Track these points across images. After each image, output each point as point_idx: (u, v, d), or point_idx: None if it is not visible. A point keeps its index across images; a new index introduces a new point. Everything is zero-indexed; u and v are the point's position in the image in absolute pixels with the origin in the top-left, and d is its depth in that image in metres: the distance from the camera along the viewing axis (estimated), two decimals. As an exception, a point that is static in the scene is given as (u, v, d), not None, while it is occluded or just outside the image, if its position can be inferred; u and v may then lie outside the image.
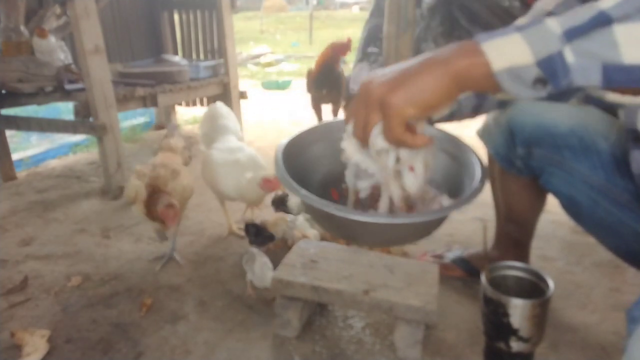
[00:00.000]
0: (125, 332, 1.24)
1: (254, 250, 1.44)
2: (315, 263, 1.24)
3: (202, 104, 3.54)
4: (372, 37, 2.82)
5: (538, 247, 1.54)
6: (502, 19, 2.30)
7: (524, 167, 1.15)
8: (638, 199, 0.97)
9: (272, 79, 5.89)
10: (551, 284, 1.01)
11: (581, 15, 0.53)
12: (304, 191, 0.70)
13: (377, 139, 0.63)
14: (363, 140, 0.65)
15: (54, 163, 2.81)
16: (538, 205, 1.29)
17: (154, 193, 1.42)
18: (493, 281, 1.05)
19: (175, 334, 1.23)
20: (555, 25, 0.54)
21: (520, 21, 0.72)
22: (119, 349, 1.18)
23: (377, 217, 0.69)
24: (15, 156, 2.59)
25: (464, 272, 1.43)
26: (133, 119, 3.56)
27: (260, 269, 1.36)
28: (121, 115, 2.29)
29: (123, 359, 1.15)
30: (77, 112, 2.20)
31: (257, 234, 1.53)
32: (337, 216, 0.67)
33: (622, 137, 1.00)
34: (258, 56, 7.77)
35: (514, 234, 1.35)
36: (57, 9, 2.59)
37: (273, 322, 1.22)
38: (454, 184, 0.81)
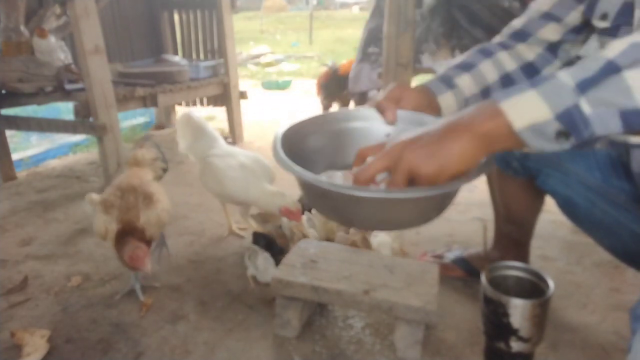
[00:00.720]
0: (125, 332, 1.24)
1: (256, 246, 1.45)
2: (315, 263, 1.24)
3: (202, 104, 3.54)
4: (373, 37, 2.83)
5: (538, 247, 1.55)
6: (502, 19, 2.31)
7: (521, 168, 1.15)
8: (634, 199, 0.97)
9: (272, 79, 5.89)
10: (551, 284, 1.01)
11: (590, 65, 0.55)
12: (297, 167, 0.68)
13: None
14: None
15: (54, 163, 2.81)
16: (536, 206, 1.29)
17: (125, 230, 1.27)
18: (493, 281, 1.05)
19: (175, 334, 1.23)
20: (567, 78, 0.55)
21: (527, 55, 0.75)
22: (119, 349, 1.18)
23: (373, 192, 0.65)
24: (15, 156, 2.58)
25: (464, 272, 1.43)
26: (133, 119, 3.56)
27: (263, 264, 1.37)
28: (121, 115, 2.29)
29: (123, 359, 1.15)
30: (77, 112, 2.20)
31: (267, 247, 1.48)
32: (332, 192, 0.64)
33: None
34: (258, 56, 7.77)
35: (513, 234, 1.35)
36: (57, 9, 2.58)
37: (273, 322, 1.22)
38: None
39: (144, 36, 3.37)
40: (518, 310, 0.97)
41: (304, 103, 4.53)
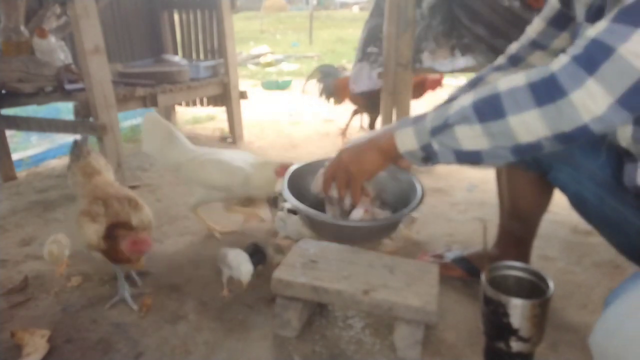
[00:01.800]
0: (125, 332, 1.24)
1: (227, 248, 1.43)
2: (315, 263, 1.24)
3: (202, 104, 3.54)
4: (372, 37, 2.83)
5: (538, 247, 1.54)
6: (503, 17, 2.30)
7: (533, 162, 1.15)
8: None
9: (272, 79, 5.89)
10: (551, 284, 1.01)
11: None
12: (302, 205, 1.07)
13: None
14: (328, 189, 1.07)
15: (54, 163, 2.81)
16: (543, 203, 1.29)
17: (115, 224, 1.21)
18: (493, 281, 1.05)
19: (175, 334, 1.23)
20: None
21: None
22: (119, 349, 1.18)
23: (337, 220, 1.07)
24: (15, 156, 2.59)
25: (464, 271, 1.43)
26: (133, 119, 3.56)
27: (235, 260, 1.33)
28: (121, 115, 2.30)
29: (123, 359, 1.15)
30: (77, 112, 2.20)
31: (253, 253, 1.47)
32: (319, 221, 1.09)
33: None
34: (258, 56, 7.76)
35: (517, 231, 1.35)
36: (57, 9, 2.59)
37: (273, 322, 1.22)
38: (402, 199, 1.15)
39: (144, 36, 3.37)
40: (518, 310, 0.97)
41: (304, 103, 4.52)
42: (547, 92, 0.71)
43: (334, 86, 3.24)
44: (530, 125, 0.73)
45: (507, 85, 0.75)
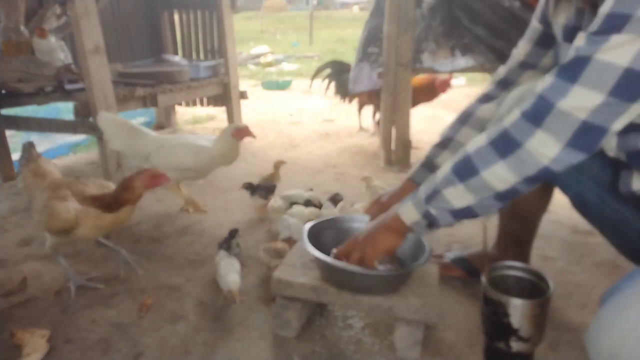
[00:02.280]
0: (125, 332, 1.24)
1: (224, 252, 1.44)
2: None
3: (202, 104, 3.54)
4: (373, 37, 2.82)
5: (538, 247, 1.54)
6: (503, 17, 2.31)
7: None
8: None
9: (272, 79, 5.89)
10: (551, 284, 1.01)
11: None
12: (324, 256, 1.12)
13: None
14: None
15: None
16: (543, 203, 1.29)
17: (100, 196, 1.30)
18: (493, 281, 1.05)
19: (175, 334, 1.23)
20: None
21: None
22: (118, 349, 1.18)
23: (355, 268, 1.08)
24: (15, 156, 2.58)
25: (464, 271, 1.43)
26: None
27: (225, 269, 1.34)
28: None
29: (123, 359, 1.15)
30: (77, 112, 2.20)
31: (226, 240, 1.51)
32: (331, 265, 1.12)
33: None
34: (258, 56, 7.77)
35: (517, 232, 1.35)
36: (57, 9, 2.59)
37: (273, 322, 1.22)
38: (411, 255, 1.19)
39: (144, 36, 3.37)
40: (518, 310, 0.97)
41: (304, 103, 4.53)
42: (504, 145, 0.84)
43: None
44: (500, 176, 0.85)
45: (474, 147, 0.89)
